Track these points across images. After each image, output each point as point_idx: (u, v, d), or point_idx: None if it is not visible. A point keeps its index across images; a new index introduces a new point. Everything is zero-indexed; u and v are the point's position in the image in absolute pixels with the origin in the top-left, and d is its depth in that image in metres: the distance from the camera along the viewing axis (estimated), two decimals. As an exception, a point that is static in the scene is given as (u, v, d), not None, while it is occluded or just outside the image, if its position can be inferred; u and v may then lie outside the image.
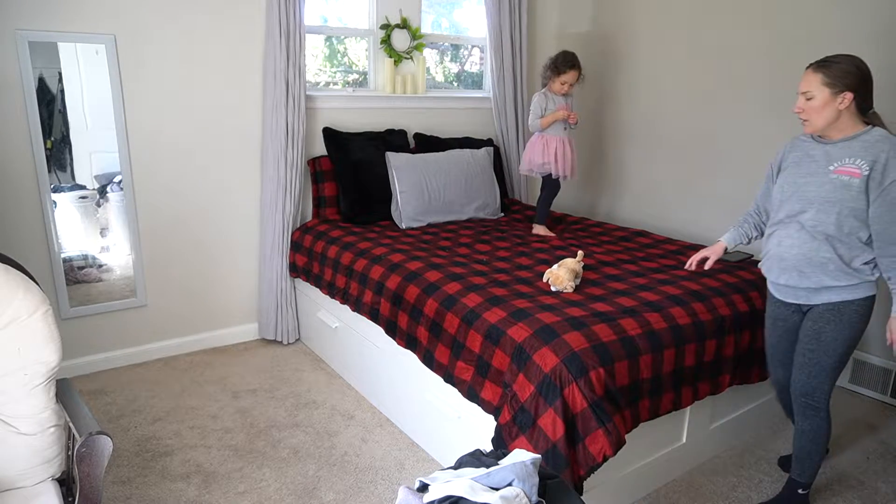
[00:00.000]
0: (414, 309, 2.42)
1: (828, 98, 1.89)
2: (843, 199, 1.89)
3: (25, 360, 1.52)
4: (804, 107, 1.94)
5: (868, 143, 1.88)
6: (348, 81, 3.83)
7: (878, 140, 1.88)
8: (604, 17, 4.05)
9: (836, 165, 1.92)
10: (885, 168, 1.84)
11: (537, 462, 1.23)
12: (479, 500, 1.14)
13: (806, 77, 1.93)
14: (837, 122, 1.92)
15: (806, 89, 1.92)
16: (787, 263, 2.02)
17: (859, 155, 1.88)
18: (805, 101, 1.94)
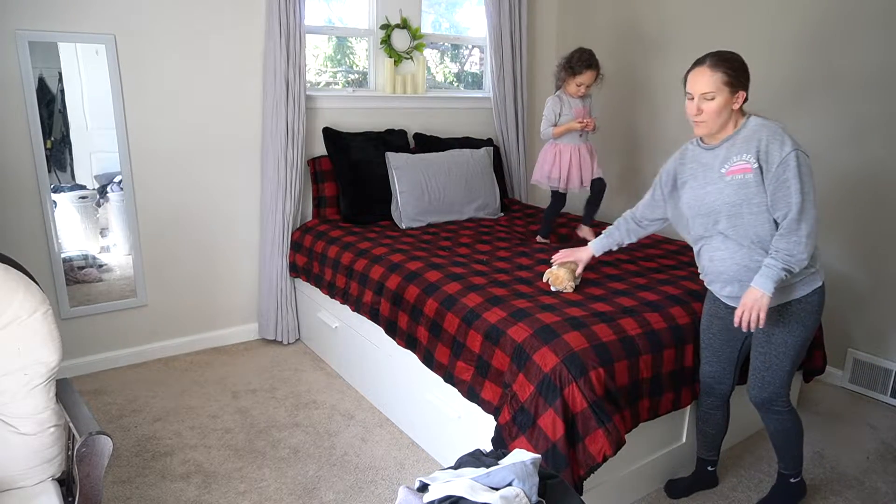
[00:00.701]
0: (414, 309, 2.42)
1: (727, 99, 1.82)
2: (746, 199, 1.82)
3: (25, 360, 1.52)
4: (703, 108, 1.84)
5: (748, 136, 1.84)
6: (349, 81, 3.83)
7: (754, 129, 1.83)
8: (604, 16, 4.05)
9: (727, 166, 1.86)
10: (767, 154, 1.78)
11: (537, 462, 1.23)
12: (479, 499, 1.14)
13: (701, 76, 1.83)
14: (724, 123, 1.86)
15: (706, 89, 1.82)
16: (727, 276, 1.94)
17: (744, 150, 1.83)
18: (704, 102, 1.83)
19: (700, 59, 1.84)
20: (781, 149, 1.76)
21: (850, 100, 2.94)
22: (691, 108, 1.86)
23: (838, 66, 2.96)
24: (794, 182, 1.75)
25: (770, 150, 1.78)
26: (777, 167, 1.76)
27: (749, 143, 1.82)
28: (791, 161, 1.75)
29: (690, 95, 1.86)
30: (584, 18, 4.17)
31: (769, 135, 1.79)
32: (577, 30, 4.22)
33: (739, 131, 1.86)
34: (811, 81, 3.07)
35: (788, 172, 1.75)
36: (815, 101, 3.06)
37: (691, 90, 1.85)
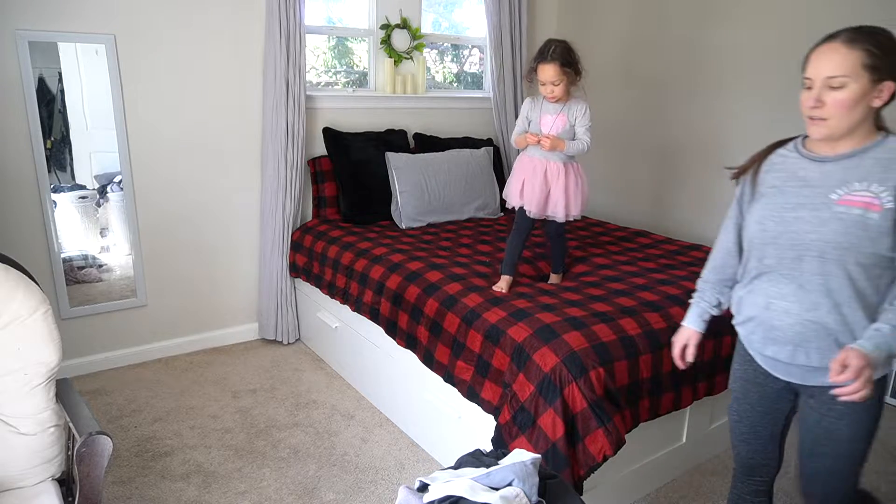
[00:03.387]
0: (414, 309, 2.42)
1: (865, 89, 1.28)
2: (857, 244, 1.32)
3: (25, 360, 1.52)
4: (827, 100, 1.31)
5: (887, 161, 1.31)
6: (349, 81, 3.83)
7: (888, 151, 1.33)
8: (604, 16, 4.05)
9: (842, 193, 1.34)
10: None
11: (537, 462, 1.23)
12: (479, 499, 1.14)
13: (831, 54, 1.30)
14: (859, 127, 1.33)
15: (836, 72, 1.29)
16: (781, 334, 1.44)
17: (875, 177, 1.31)
18: (828, 92, 1.31)
19: (832, 34, 1.32)
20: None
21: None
22: (808, 100, 1.34)
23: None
24: None
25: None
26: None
27: (887, 170, 1.31)
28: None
29: (809, 81, 1.34)
30: (585, 18, 4.17)
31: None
32: (577, 30, 4.22)
33: (872, 147, 1.33)
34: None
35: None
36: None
37: (812, 74, 1.33)
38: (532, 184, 2.44)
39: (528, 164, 2.47)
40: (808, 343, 1.40)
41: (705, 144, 3.56)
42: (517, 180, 2.49)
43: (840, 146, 1.36)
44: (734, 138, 3.42)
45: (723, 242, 1.61)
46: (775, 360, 1.49)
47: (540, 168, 2.44)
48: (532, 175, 2.45)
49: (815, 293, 1.37)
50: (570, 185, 2.45)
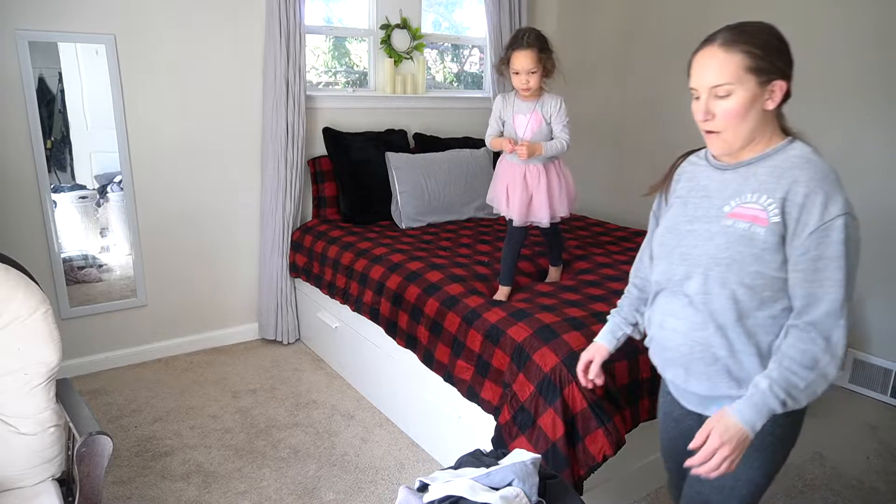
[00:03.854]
0: (414, 308, 2.42)
1: (753, 93, 1.16)
2: (741, 262, 1.19)
3: (25, 360, 1.52)
4: (716, 110, 1.19)
5: (781, 167, 1.18)
6: (349, 81, 3.83)
7: (795, 162, 1.18)
8: (604, 16, 4.05)
9: (734, 204, 1.22)
10: (802, 207, 1.14)
11: (537, 462, 1.23)
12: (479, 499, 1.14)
13: (709, 60, 1.18)
14: (760, 133, 1.21)
15: (718, 80, 1.16)
16: (672, 355, 1.33)
17: (766, 188, 1.18)
18: (715, 102, 1.19)
19: (710, 37, 1.20)
20: (827, 206, 1.12)
21: (842, 95, 2.94)
22: (697, 112, 1.22)
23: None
24: (835, 262, 1.12)
25: (809, 205, 1.13)
26: (813, 234, 1.13)
27: (779, 180, 1.17)
28: (837, 230, 1.11)
29: (695, 92, 1.22)
30: (584, 18, 4.17)
31: (815, 179, 1.14)
32: (577, 30, 4.22)
33: (772, 154, 1.21)
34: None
35: (830, 248, 1.12)
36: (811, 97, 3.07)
37: (696, 83, 1.21)
38: (514, 190, 2.33)
39: (509, 170, 2.36)
40: (695, 366, 1.28)
41: (705, 144, 3.56)
42: (501, 186, 2.39)
43: (742, 153, 1.24)
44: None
45: (640, 256, 1.52)
46: (675, 383, 1.39)
47: (519, 173, 2.32)
48: (513, 181, 2.34)
49: (703, 312, 1.25)
50: (552, 188, 2.34)
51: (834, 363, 1.14)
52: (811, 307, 1.14)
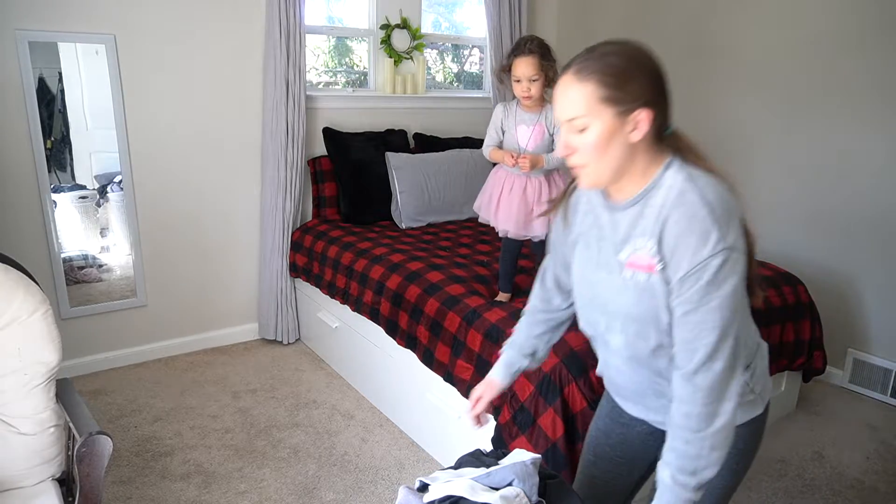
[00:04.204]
0: (415, 308, 2.42)
1: (613, 125, 1.05)
2: (653, 313, 1.10)
3: (25, 361, 1.52)
4: (574, 144, 1.08)
5: (658, 207, 1.08)
6: (349, 81, 3.83)
7: (667, 200, 1.06)
8: (604, 16, 4.05)
9: (627, 251, 1.11)
10: (675, 250, 1.04)
11: (537, 462, 1.23)
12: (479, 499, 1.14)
13: (562, 91, 1.08)
14: (627, 166, 1.09)
15: (571, 114, 1.07)
16: (623, 391, 1.30)
17: (649, 230, 1.08)
18: (573, 136, 1.08)
19: (567, 63, 1.09)
20: (700, 246, 1.01)
21: (852, 101, 2.94)
22: (558, 145, 1.22)
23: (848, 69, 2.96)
24: (706, 307, 1.03)
25: (680, 247, 1.03)
26: (684, 278, 1.03)
27: (657, 220, 1.07)
28: (709, 271, 1.01)
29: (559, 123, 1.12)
30: (584, 18, 4.17)
31: (685, 217, 1.03)
32: (577, 30, 4.22)
33: (653, 189, 1.09)
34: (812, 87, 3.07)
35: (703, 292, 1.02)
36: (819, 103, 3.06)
37: (557, 115, 1.11)
38: (509, 202, 2.26)
39: (506, 181, 2.27)
40: (648, 401, 1.25)
41: (708, 144, 3.55)
42: (491, 196, 2.32)
43: (625, 190, 1.11)
44: (737, 137, 3.42)
45: (542, 280, 1.40)
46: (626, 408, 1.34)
47: (518, 186, 2.25)
48: (509, 193, 2.27)
49: (635, 362, 1.19)
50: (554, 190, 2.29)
51: (725, 411, 1.05)
52: (688, 358, 1.05)
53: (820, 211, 3.11)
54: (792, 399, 2.86)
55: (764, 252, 3.14)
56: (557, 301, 1.38)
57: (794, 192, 3.20)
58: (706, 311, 1.02)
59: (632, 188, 1.11)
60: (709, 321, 1.03)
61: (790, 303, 2.54)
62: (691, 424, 1.05)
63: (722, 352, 1.03)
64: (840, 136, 3.00)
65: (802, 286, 2.64)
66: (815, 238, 3.14)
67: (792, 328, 2.55)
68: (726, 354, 1.03)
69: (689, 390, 1.05)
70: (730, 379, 1.05)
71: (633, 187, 1.11)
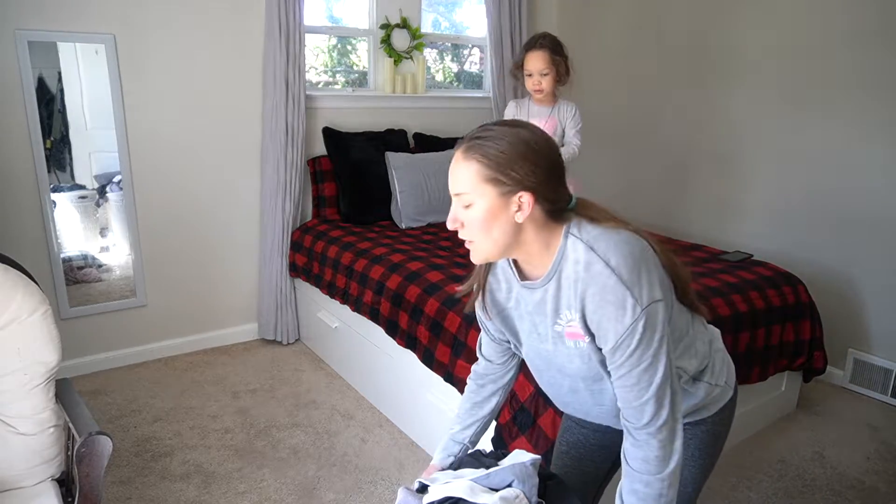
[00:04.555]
0: (415, 308, 2.42)
1: (495, 203, 1.08)
2: (601, 373, 1.16)
3: (25, 361, 1.52)
4: (463, 219, 1.13)
5: (571, 282, 1.10)
6: (348, 81, 3.83)
7: (578, 275, 1.09)
8: (604, 16, 4.05)
9: (563, 324, 1.14)
10: (598, 325, 1.09)
11: (537, 463, 1.23)
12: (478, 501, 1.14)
13: (453, 165, 1.14)
14: (521, 244, 1.12)
15: (458, 189, 1.12)
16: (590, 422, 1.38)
17: (571, 301, 1.11)
18: (461, 210, 1.13)
19: (459, 140, 1.15)
20: (620, 315, 1.05)
21: (853, 98, 2.94)
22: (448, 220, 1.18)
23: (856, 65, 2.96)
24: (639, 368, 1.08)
25: (602, 320, 1.07)
26: (614, 349, 1.08)
27: (575, 295, 1.10)
28: (636, 336, 1.05)
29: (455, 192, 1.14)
30: (584, 18, 4.17)
31: (598, 292, 1.07)
32: (577, 29, 4.21)
33: (561, 263, 1.12)
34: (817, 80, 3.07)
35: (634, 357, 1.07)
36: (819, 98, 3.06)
37: (450, 186, 1.16)
38: None
39: None
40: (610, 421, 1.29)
41: (710, 143, 3.56)
42: None
43: (536, 266, 1.15)
44: (737, 136, 3.42)
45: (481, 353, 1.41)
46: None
47: None
48: None
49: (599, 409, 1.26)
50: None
51: (676, 450, 1.12)
52: (636, 417, 1.11)
53: (820, 211, 3.11)
54: (792, 399, 2.86)
55: (764, 252, 3.14)
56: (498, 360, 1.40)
57: (794, 192, 3.20)
58: (640, 372, 1.08)
59: (541, 264, 1.14)
60: (645, 380, 1.08)
61: (790, 303, 2.54)
62: (650, 468, 1.12)
63: (664, 401, 1.10)
64: (840, 136, 3.00)
65: (802, 286, 2.64)
66: (815, 238, 3.14)
67: (792, 328, 2.55)
68: (668, 401, 1.10)
69: (643, 439, 1.11)
70: (676, 422, 1.12)
71: (541, 263, 1.14)
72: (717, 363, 1.31)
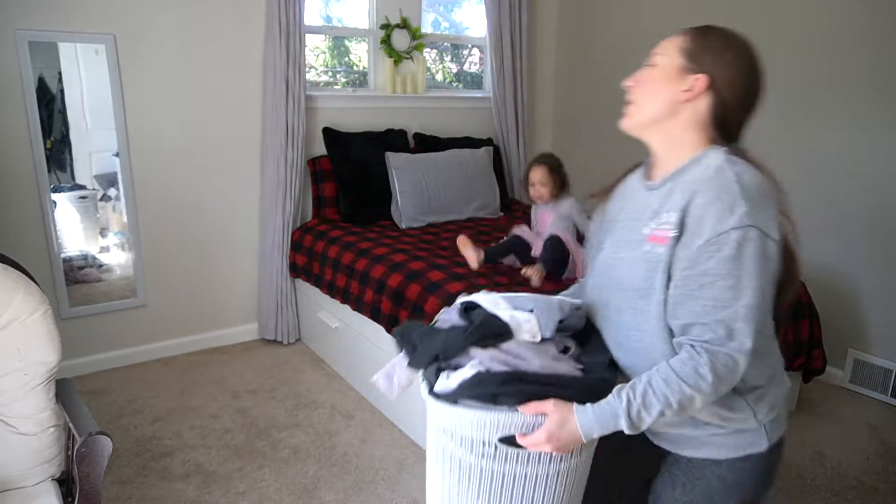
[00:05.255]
0: (415, 307, 2.42)
1: (674, 71, 1.09)
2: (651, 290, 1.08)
3: (25, 360, 1.52)
4: (639, 77, 1.16)
5: (689, 182, 1.07)
6: (348, 81, 3.83)
7: (702, 175, 1.06)
8: (604, 16, 4.05)
9: (653, 226, 1.09)
10: (700, 220, 1.01)
11: (567, 304, 1.18)
12: (494, 310, 1.14)
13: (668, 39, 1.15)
14: (669, 129, 1.12)
15: (656, 50, 1.14)
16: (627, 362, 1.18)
17: (677, 202, 1.06)
18: (645, 69, 1.15)
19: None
20: (723, 217, 0.99)
21: (852, 97, 2.94)
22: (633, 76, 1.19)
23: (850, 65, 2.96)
24: (722, 280, 0.98)
25: (705, 216, 1.00)
26: (702, 246, 1.00)
27: (685, 193, 1.06)
28: (729, 244, 0.98)
29: None
30: (585, 18, 4.17)
31: (714, 188, 1.02)
32: (577, 30, 4.22)
33: (690, 166, 1.09)
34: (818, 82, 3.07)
35: (718, 264, 0.99)
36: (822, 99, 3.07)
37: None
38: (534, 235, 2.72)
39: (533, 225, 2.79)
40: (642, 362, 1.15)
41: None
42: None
43: (666, 167, 1.13)
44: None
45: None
46: None
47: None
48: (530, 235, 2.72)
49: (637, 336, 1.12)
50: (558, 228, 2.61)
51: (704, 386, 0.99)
52: (692, 327, 1.01)
53: (820, 211, 3.10)
54: (792, 399, 2.86)
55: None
56: None
57: (794, 192, 3.18)
58: (722, 287, 0.98)
59: (669, 163, 1.13)
60: (723, 299, 0.98)
61: (789, 302, 2.54)
62: (683, 371, 0.99)
63: (736, 330, 0.98)
64: (840, 136, 3.00)
65: (802, 286, 2.64)
66: (814, 238, 3.14)
67: (791, 328, 2.55)
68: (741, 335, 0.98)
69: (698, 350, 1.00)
70: (737, 366, 1.00)
71: (670, 162, 1.13)
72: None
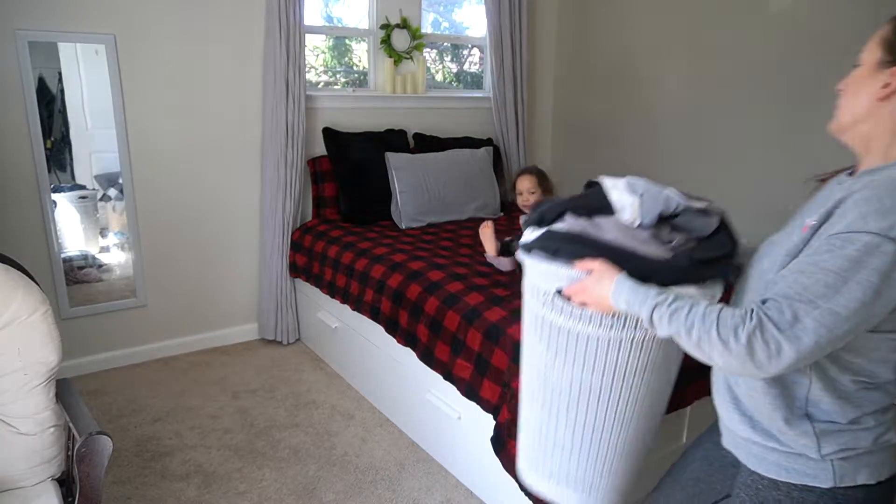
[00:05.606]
0: (415, 307, 2.42)
1: (873, 66, 1.02)
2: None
3: (25, 360, 1.52)
4: (846, 81, 1.10)
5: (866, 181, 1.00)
6: (348, 81, 3.83)
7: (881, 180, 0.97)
8: (604, 16, 4.05)
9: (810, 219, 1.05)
10: (843, 213, 0.94)
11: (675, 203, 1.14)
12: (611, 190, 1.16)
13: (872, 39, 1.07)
14: (866, 133, 1.04)
15: (864, 48, 1.07)
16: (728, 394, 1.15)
17: (837, 195, 1.01)
18: (851, 73, 1.09)
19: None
20: (868, 217, 0.90)
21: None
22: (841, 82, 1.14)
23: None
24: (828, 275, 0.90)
25: (850, 210, 0.93)
26: (830, 237, 0.93)
27: (850, 189, 0.99)
28: (859, 244, 0.89)
29: None
30: (585, 18, 4.17)
31: (877, 189, 0.93)
32: (577, 30, 4.22)
33: (882, 168, 1.00)
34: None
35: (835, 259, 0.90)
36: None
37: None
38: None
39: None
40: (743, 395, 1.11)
41: (709, 142, 3.56)
42: None
43: (870, 159, 1.05)
44: (736, 136, 3.42)
45: None
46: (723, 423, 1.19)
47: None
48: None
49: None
50: None
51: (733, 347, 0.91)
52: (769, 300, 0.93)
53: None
54: None
55: (764, 252, 3.14)
56: None
57: (795, 192, 3.19)
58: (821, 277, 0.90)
59: (876, 155, 1.03)
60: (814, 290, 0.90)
61: None
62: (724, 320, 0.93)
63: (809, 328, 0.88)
64: (840, 136, 2.99)
65: None
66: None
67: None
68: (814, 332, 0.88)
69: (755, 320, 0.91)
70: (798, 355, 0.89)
71: (876, 155, 1.03)
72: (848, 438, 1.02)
